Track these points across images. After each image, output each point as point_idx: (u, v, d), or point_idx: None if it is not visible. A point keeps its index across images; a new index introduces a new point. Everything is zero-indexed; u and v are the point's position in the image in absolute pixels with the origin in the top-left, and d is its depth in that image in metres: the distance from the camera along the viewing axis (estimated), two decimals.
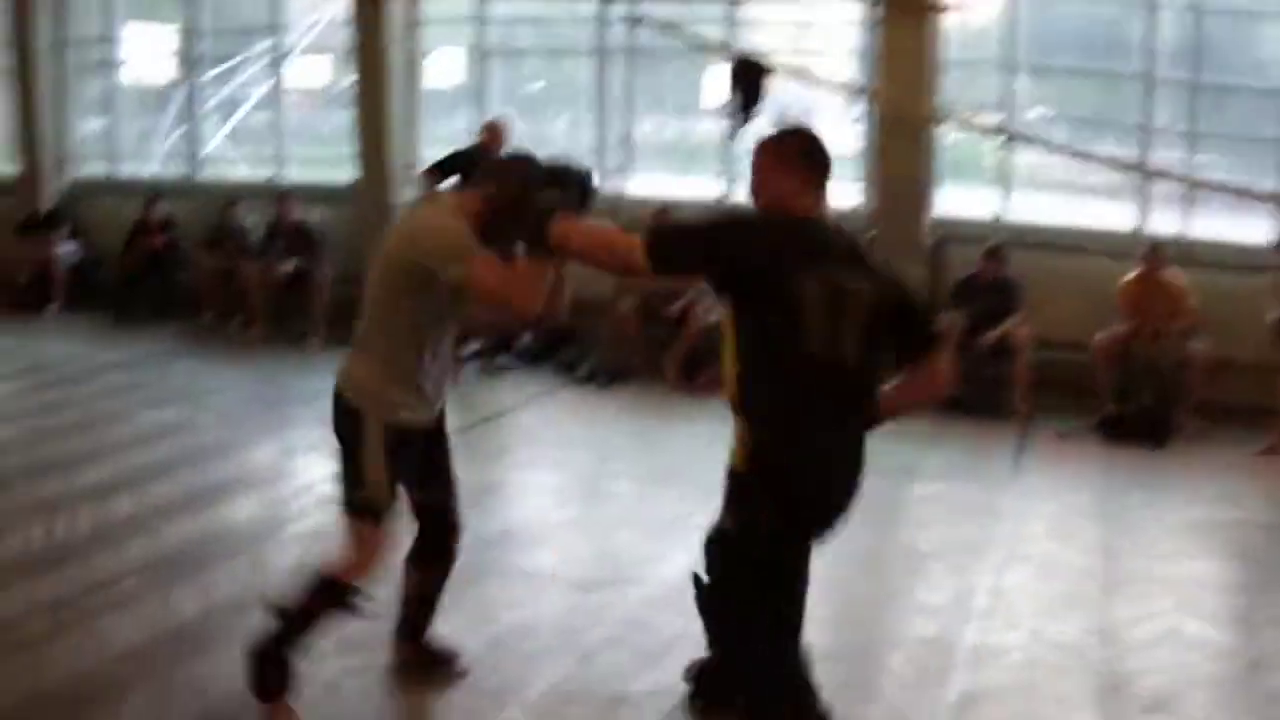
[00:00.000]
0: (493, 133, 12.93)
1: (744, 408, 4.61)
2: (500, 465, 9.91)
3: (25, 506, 8.56)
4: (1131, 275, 11.63)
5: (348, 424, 5.28)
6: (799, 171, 4.70)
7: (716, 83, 13.78)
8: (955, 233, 12.49)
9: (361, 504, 5.26)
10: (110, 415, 11.16)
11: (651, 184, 13.98)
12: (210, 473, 9.46)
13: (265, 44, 16.99)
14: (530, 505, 9.01)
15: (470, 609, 6.57)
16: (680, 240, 4.77)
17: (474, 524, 6.16)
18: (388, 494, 5.27)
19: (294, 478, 9.85)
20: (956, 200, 12.90)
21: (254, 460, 10.06)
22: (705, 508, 7.69)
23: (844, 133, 13.72)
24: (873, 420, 4.75)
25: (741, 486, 4.69)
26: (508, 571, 6.36)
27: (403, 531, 5.57)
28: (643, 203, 13.17)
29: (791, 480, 4.60)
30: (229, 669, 5.68)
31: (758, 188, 4.77)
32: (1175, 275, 11.58)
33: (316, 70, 17.37)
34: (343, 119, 15.95)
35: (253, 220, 15.11)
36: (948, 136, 12.91)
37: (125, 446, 10.15)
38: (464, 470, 5.86)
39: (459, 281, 4.97)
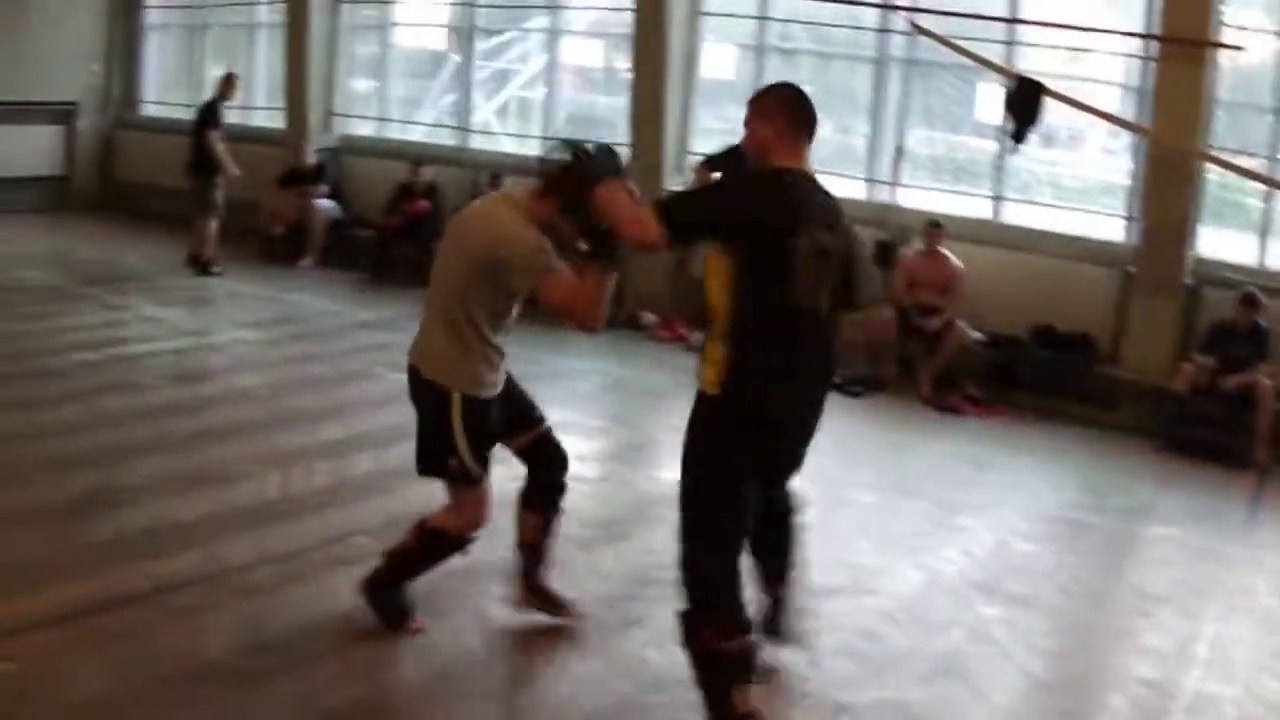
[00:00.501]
0: None
1: (729, 337, 4.95)
2: None
3: (264, 456, 8.58)
4: None
5: (430, 398, 5.71)
6: (775, 121, 5.07)
7: (989, 100, 13.47)
8: (1213, 275, 11.89)
9: (455, 471, 5.68)
10: (357, 374, 11.10)
11: (921, 197, 13.44)
12: None
13: (540, 20, 16.97)
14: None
15: None
16: (691, 208, 5.16)
17: None
18: (475, 459, 5.67)
19: None
20: (1217, 243, 12.26)
21: None
22: (945, 526, 8.09)
23: (1110, 165, 13.34)
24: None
25: (708, 407, 5.04)
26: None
27: None
28: (913, 214, 12.90)
29: (756, 402, 5.00)
30: (452, 631, 6.06)
31: (745, 139, 5.19)
32: None
33: (587, 51, 17.12)
34: (608, 102, 15.72)
35: None
36: (1214, 178, 12.26)
37: (368, 406, 10.06)
38: None
39: (534, 294, 5.44)
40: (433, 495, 6.02)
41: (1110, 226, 12.67)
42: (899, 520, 8.54)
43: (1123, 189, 12.87)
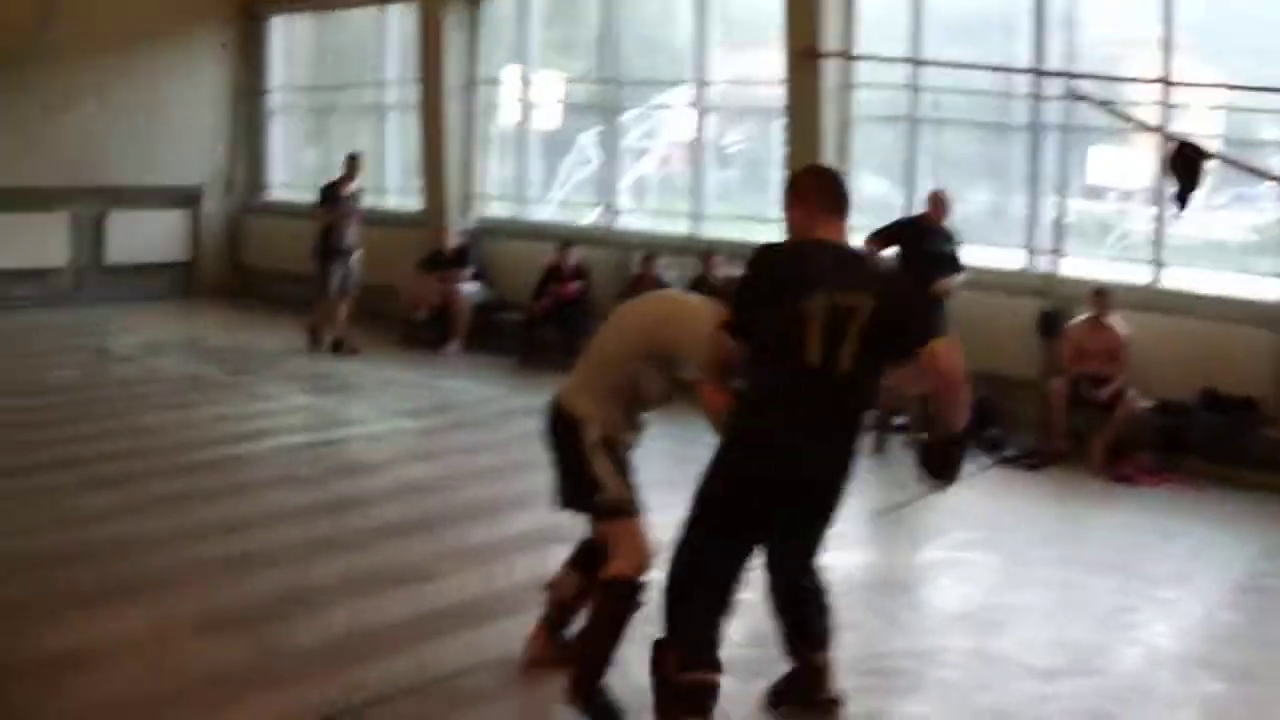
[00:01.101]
0: (936, 204, 12.30)
1: (744, 392, 5.31)
2: (939, 544, 9.16)
3: (455, 553, 8.20)
4: None
5: (566, 433, 5.85)
6: (808, 203, 5.36)
7: (1139, 164, 13.20)
8: None
9: (610, 505, 5.74)
10: (527, 464, 10.48)
11: (1081, 265, 12.91)
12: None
13: (669, 95, 16.73)
14: (979, 587, 8.28)
15: (940, 692, 6.48)
16: (735, 306, 5.39)
17: (934, 601, 7.49)
18: (624, 486, 5.75)
19: None
20: None
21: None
22: (1147, 599, 8.05)
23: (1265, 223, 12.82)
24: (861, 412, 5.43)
25: (716, 451, 5.32)
26: (972, 655, 5.82)
27: None
28: (1074, 282, 12.45)
29: (751, 447, 5.22)
30: None
31: (786, 223, 5.47)
32: None
33: (718, 125, 16.69)
34: (737, 177, 15.33)
35: (673, 275, 14.44)
36: None
37: (549, 497, 9.54)
38: (905, 549, 7.45)
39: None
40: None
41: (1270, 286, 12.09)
42: (1101, 595, 8.11)
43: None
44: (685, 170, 16.81)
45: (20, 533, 8.22)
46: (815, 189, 5.42)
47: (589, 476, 5.74)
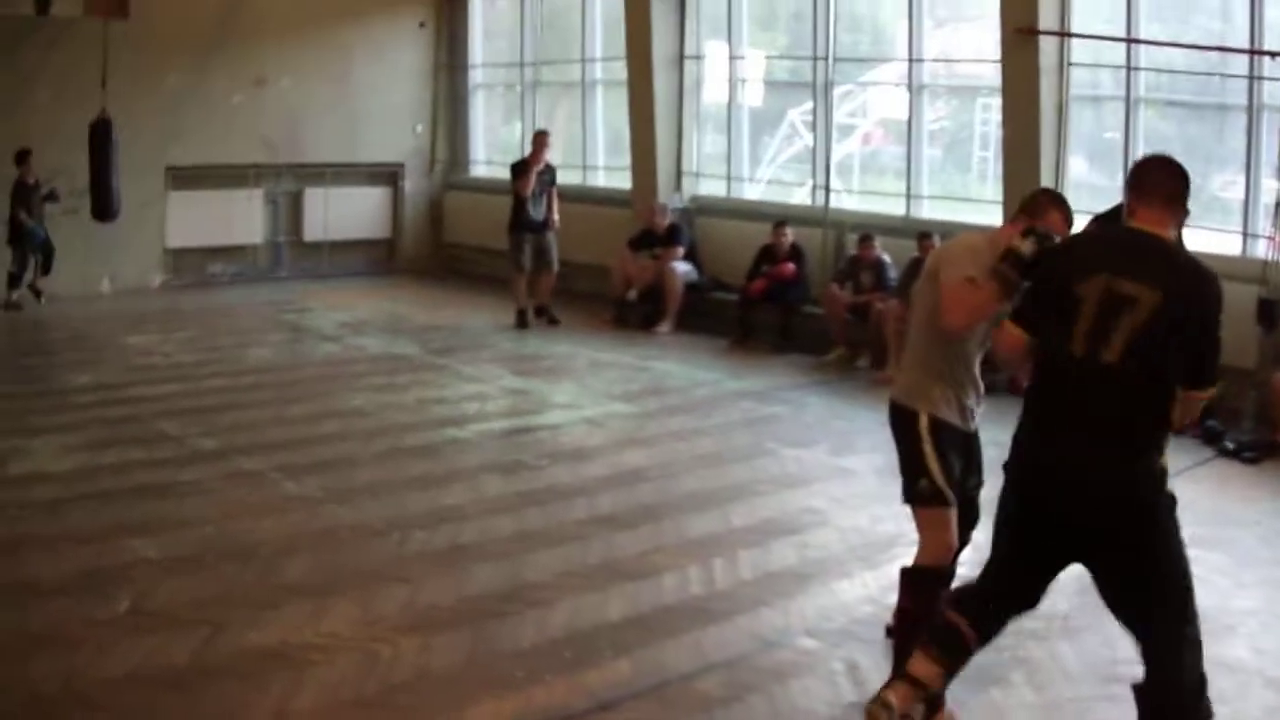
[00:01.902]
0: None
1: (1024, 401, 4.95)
2: None
3: (677, 546, 7.80)
4: None
5: (902, 422, 5.72)
6: (1130, 190, 4.93)
7: None
8: None
9: (926, 492, 5.61)
10: (749, 451, 10.18)
11: None
12: (873, 528, 8.22)
13: (878, 72, 16.23)
14: (1209, 589, 7.32)
15: None
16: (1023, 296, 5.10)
17: None
18: (944, 476, 5.60)
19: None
20: None
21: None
22: None
23: None
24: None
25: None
26: (1210, 661, 5.14)
27: None
28: None
29: (1022, 467, 4.87)
30: None
31: None
32: None
33: (925, 105, 16.05)
34: (938, 156, 14.87)
35: (889, 257, 13.85)
36: None
37: (774, 486, 9.20)
38: None
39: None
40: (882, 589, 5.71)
41: None
42: None
43: None
44: (891, 149, 16.24)
45: (223, 520, 8.00)
46: (1136, 176, 4.99)
47: (916, 463, 5.64)
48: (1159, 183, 4.89)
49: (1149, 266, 4.69)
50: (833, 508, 8.68)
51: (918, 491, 5.64)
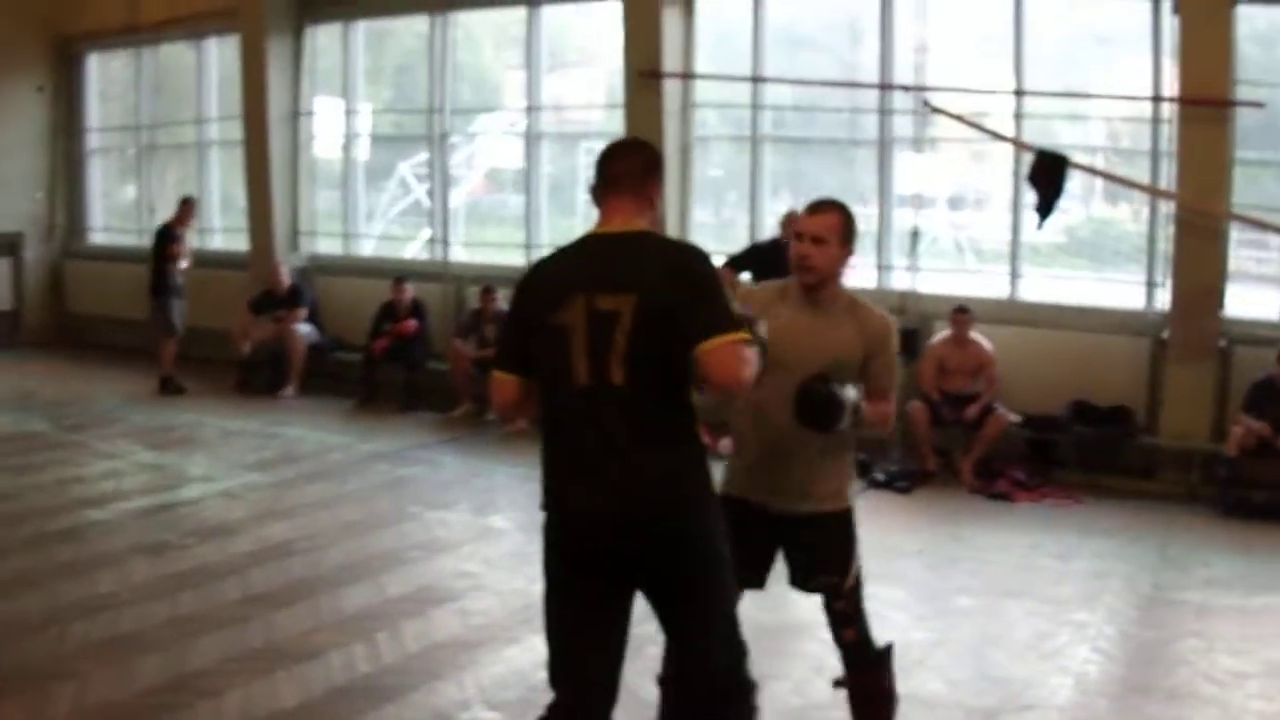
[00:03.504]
0: (789, 224, 11.94)
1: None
2: None
3: (337, 624, 7.78)
4: None
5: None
6: (598, 189, 4.56)
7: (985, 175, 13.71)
8: (1246, 334, 11.71)
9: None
10: (392, 515, 10.35)
11: (938, 280, 13.06)
12: (530, 589, 8.44)
13: (487, 121, 16.74)
14: (889, 625, 7.69)
15: None
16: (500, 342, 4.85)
17: None
18: None
19: None
20: (1245, 302, 12.10)
21: None
22: (1062, 623, 7.95)
23: (1135, 230, 13.11)
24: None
25: None
26: (906, 701, 5.68)
27: None
28: (932, 299, 12.62)
29: (550, 511, 4.46)
30: None
31: None
32: None
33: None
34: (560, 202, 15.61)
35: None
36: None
37: (421, 551, 9.36)
38: None
39: None
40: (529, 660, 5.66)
41: (1130, 294, 12.47)
42: (1015, 624, 8.03)
43: (1142, 254, 12.55)
44: (497, 197, 16.84)
45: None
46: (600, 167, 4.59)
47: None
48: (622, 170, 4.50)
49: (622, 272, 4.31)
50: (486, 570, 8.90)
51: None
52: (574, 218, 15.41)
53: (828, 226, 5.11)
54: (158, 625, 7.69)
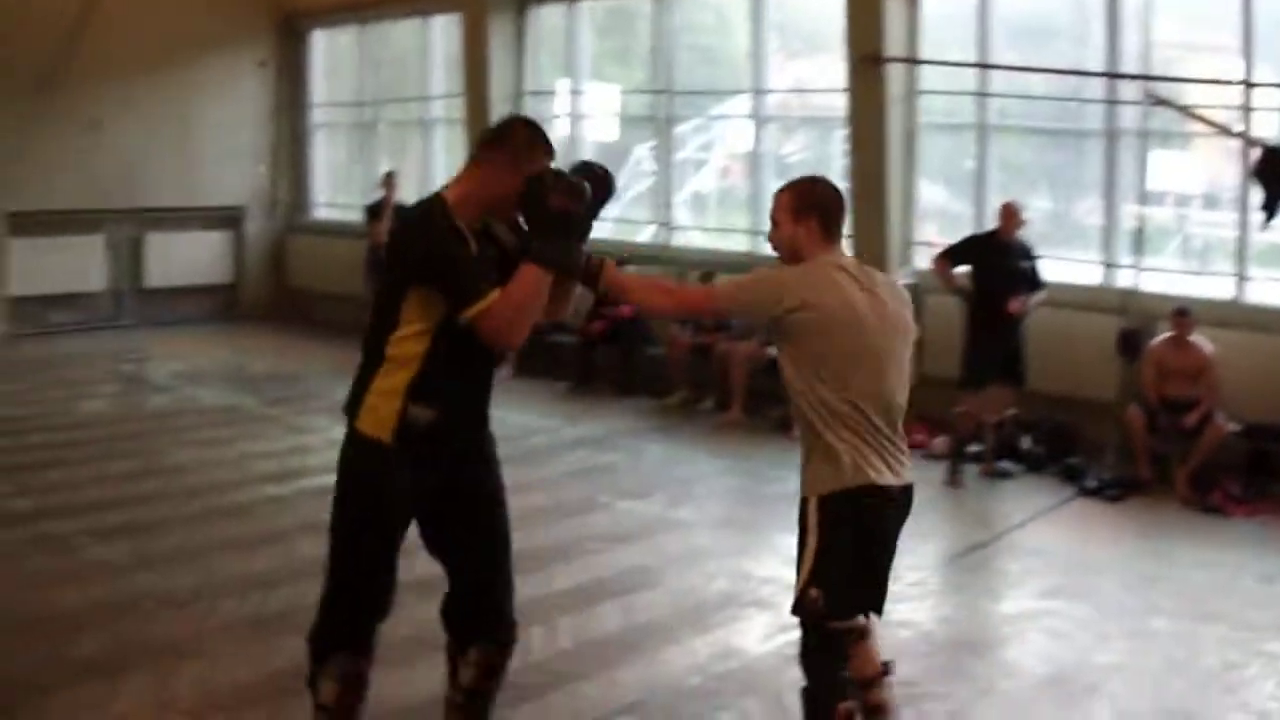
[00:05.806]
0: (1008, 217, 11.27)
1: None
2: (1025, 592, 8.36)
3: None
4: None
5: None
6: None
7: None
8: None
9: None
10: (580, 504, 9.92)
11: (1161, 279, 12.16)
12: (706, 587, 8.05)
13: (726, 105, 16.16)
14: (1069, 644, 7.43)
15: None
16: None
17: (1025, 664, 6.87)
18: None
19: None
20: None
21: (747, 571, 8.48)
22: (1254, 654, 7.30)
23: None
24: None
25: None
26: None
27: None
28: (1155, 298, 11.73)
29: None
30: None
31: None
32: None
33: (777, 136, 15.99)
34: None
35: None
36: None
37: (603, 543, 8.90)
38: (986, 600, 6.71)
39: None
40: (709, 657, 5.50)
41: None
42: (1204, 651, 7.36)
43: None
44: (744, 183, 16.15)
45: (18, 589, 7.60)
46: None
47: None
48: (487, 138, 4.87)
49: None
50: (663, 565, 8.45)
51: None
52: None
53: (777, 207, 5.11)
54: (307, 606, 7.24)
